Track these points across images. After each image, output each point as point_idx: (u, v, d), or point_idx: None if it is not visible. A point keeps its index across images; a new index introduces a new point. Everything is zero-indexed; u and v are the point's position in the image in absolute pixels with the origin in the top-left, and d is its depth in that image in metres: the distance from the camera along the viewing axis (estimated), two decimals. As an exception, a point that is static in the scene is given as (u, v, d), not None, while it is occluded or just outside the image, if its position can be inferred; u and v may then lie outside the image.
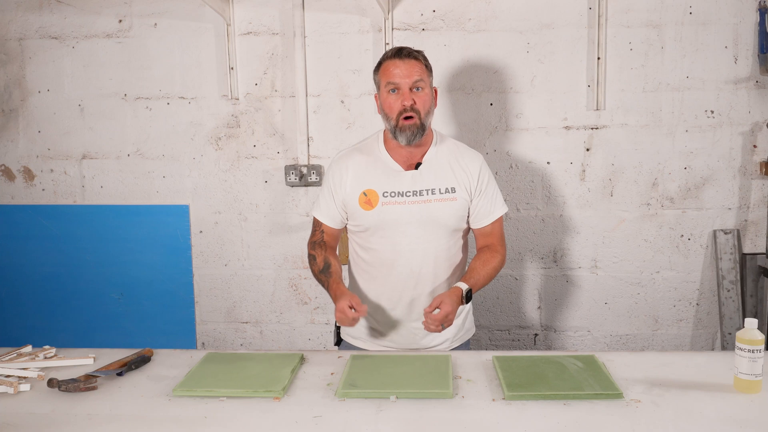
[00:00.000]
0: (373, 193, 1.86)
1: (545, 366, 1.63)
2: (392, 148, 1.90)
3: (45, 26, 2.82)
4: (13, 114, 2.88)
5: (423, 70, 1.84)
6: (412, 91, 1.82)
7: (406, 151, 1.89)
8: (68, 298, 2.91)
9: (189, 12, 2.75)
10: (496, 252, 1.95)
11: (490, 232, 1.95)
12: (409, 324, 1.92)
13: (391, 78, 1.82)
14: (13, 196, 2.92)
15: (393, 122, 1.83)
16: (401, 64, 1.82)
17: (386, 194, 1.86)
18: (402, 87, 1.81)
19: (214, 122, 2.80)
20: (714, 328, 2.76)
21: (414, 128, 1.81)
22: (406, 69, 1.81)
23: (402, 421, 1.38)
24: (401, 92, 1.82)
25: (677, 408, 1.42)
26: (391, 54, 1.85)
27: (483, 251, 1.95)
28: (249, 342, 2.91)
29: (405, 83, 1.81)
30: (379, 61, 1.89)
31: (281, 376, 1.58)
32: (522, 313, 2.81)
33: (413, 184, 1.86)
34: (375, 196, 1.86)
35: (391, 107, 1.83)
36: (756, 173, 2.66)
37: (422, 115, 1.82)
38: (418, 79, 1.82)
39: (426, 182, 1.87)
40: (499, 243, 1.97)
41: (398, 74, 1.81)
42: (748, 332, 1.47)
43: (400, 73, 1.81)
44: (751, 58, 2.60)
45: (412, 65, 1.82)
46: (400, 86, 1.82)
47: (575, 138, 2.69)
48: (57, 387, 1.53)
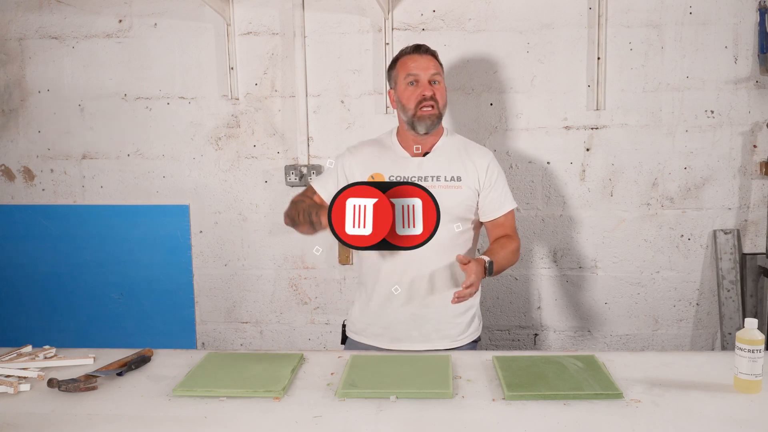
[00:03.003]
0: (380, 176, 1.93)
1: (545, 366, 1.63)
2: (404, 138, 1.98)
3: (45, 26, 2.82)
4: (13, 114, 2.88)
5: (439, 67, 1.97)
6: (430, 83, 1.92)
7: (417, 142, 1.96)
8: (68, 298, 2.91)
9: (189, 12, 2.75)
10: (512, 239, 1.98)
11: (503, 223, 1.99)
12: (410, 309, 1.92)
13: (410, 70, 1.92)
14: (13, 196, 2.92)
15: (411, 112, 1.91)
16: (420, 59, 1.93)
17: (392, 178, 1.92)
18: (421, 79, 1.91)
19: (214, 122, 2.80)
20: (714, 328, 2.76)
21: (433, 117, 1.91)
22: (425, 63, 1.93)
23: (402, 421, 1.38)
24: (420, 84, 1.92)
25: (677, 408, 1.42)
26: (409, 50, 1.97)
27: (498, 239, 1.98)
28: (249, 342, 2.91)
29: (424, 75, 1.92)
30: (395, 58, 2.00)
31: (281, 376, 1.58)
32: (522, 313, 2.81)
33: (419, 170, 1.93)
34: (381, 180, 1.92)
35: (410, 98, 1.92)
36: (756, 173, 2.66)
37: (440, 105, 1.92)
38: (436, 72, 1.93)
39: (432, 169, 1.93)
40: (513, 233, 2.00)
41: (417, 67, 1.92)
42: (748, 332, 1.47)
43: (419, 66, 1.92)
44: (751, 58, 2.60)
45: (429, 60, 1.94)
46: (419, 78, 1.92)
47: (575, 138, 2.69)
48: (57, 387, 1.53)
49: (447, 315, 1.94)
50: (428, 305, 1.92)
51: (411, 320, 1.93)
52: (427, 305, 1.92)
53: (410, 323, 1.93)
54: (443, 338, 1.94)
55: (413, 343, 1.93)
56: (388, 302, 1.94)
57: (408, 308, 1.93)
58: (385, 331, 1.96)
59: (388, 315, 1.95)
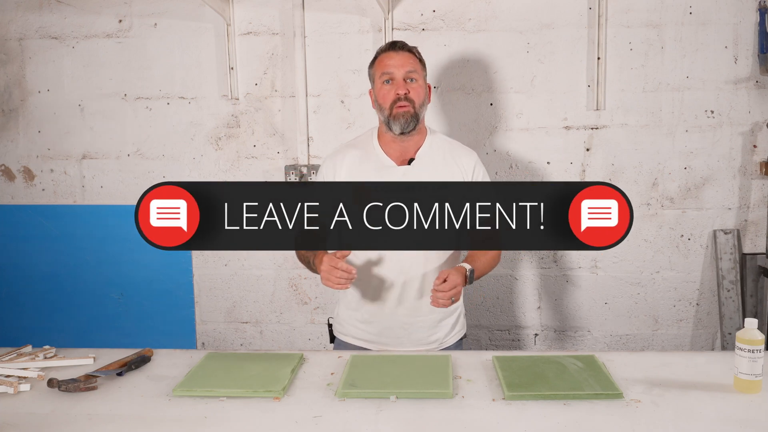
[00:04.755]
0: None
1: (545, 366, 1.63)
2: (386, 142, 1.91)
3: (45, 26, 2.82)
4: (13, 114, 2.88)
5: (416, 63, 1.89)
6: (406, 81, 1.85)
7: (399, 146, 1.90)
8: (68, 298, 2.91)
9: (189, 12, 2.75)
10: None
11: None
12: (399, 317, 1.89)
13: (385, 68, 1.86)
14: (13, 196, 2.92)
15: (387, 111, 1.85)
16: (395, 56, 1.87)
17: None
18: (396, 77, 1.85)
19: (214, 122, 2.80)
20: (714, 328, 2.76)
21: (408, 115, 1.83)
22: (400, 60, 1.86)
23: (402, 421, 1.38)
24: (395, 82, 1.85)
25: (677, 408, 1.42)
26: (385, 47, 1.91)
27: None
28: (249, 342, 2.91)
29: (399, 73, 1.85)
30: (374, 56, 1.93)
31: (281, 376, 1.58)
32: (522, 313, 2.81)
33: (405, 178, 1.86)
34: None
35: (385, 97, 1.86)
36: (756, 173, 2.66)
37: (416, 104, 1.85)
38: (412, 70, 1.86)
39: (418, 178, 1.86)
40: None
41: (392, 65, 1.86)
42: (748, 332, 1.47)
43: (394, 63, 1.86)
44: (751, 58, 2.60)
45: (405, 57, 1.87)
46: (394, 76, 1.85)
47: (575, 138, 2.69)
48: (57, 387, 1.52)
49: (435, 319, 1.91)
50: (418, 309, 1.89)
51: (401, 327, 1.90)
52: (418, 309, 1.89)
53: (400, 330, 1.91)
54: (431, 342, 1.93)
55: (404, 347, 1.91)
56: (379, 307, 1.90)
57: (399, 314, 1.89)
58: (376, 337, 1.93)
59: (379, 321, 1.91)
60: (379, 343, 1.93)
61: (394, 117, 1.84)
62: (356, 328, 1.95)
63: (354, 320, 1.96)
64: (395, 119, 1.84)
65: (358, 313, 1.94)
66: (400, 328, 1.91)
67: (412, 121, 1.84)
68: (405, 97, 1.84)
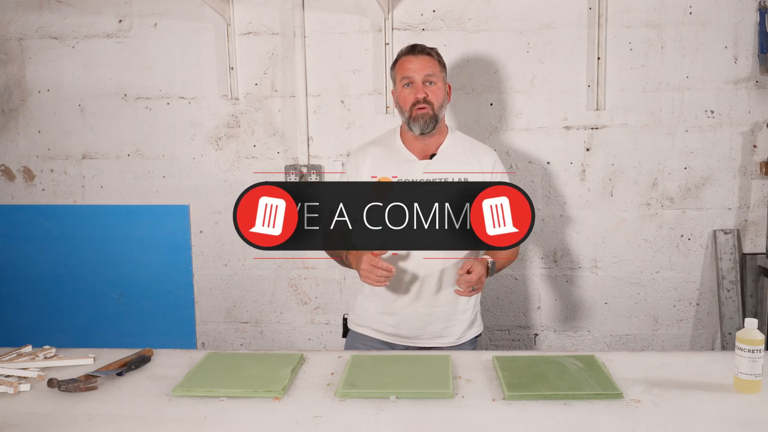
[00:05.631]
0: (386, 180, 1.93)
1: (545, 366, 1.63)
2: (408, 140, 2.00)
3: (45, 26, 2.82)
4: (13, 114, 2.88)
5: (436, 66, 1.97)
6: (425, 84, 1.94)
7: (421, 143, 1.98)
8: (68, 298, 2.91)
9: (189, 12, 2.74)
10: None
11: None
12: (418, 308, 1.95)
13: (405, 73, 1.95)
14: (13, 196, 2.92)
15: (407, 114, 1.94)
16: (415, 60, 1.95)
17: None
18: (415, 81, 1.94)
19: (214, 122, 2.80)
20: (714, 328, 2.76)
21: (426, 117, 1.92)
22: (419, 64, 1.94)
23: (402, 421, 1.38)
24: (415, 86, 1.94)
25: (677, 408, 1.42)
26: (405, 51, 1.98)
27: None
28: (249, 342, 2.91)
29: (418, 77, 1.94)
30: (395, 59, 2.01)
31: (281, 376, 1.58)
32: (522, 313, 2.81)
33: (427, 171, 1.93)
34: None
35: (405, 100, 1.95)
36: (756, 173, 2.66)
37: (435, 106, 1.93)
38: (431, 73, 1.94)
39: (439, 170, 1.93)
40: None
41: (412, 69, 1.94)
42: (748, 332, 1.47)
43: (413, 67, 1.94)
44: (751, 58, 2.60)
45: (425, 60, 1.95)
46: (413, 80, 1.94)
47: (575, 138, 2.69)
48: (57, 387, 1.53)
49: (454, 311, 1.97)
50: (437, 302, 1.95)
51: (419, 318, 1.96)
52: (436, 302, 1.95)
53: (418, 321, 1.96)
54: (449, 335, 1.98)
55: (420, 340, 1.97)
56: (398, 299, 1.96)
57: (418, 306, 1.95)
58: (394, 329, 1.98)
59: (398, 313, 1.97)
60: (396, 336, 1.99)
61: (414, 119, 1.93)
62: (375, 319, 2.00)
63: (374, 311, 2.00)
64: (415, 121, 1.93)
65: (378, 305, 1.99)
66: (418, 319, 1.96)
67: (431, 123, 1.93)
68: (424, 100, 1.92)
